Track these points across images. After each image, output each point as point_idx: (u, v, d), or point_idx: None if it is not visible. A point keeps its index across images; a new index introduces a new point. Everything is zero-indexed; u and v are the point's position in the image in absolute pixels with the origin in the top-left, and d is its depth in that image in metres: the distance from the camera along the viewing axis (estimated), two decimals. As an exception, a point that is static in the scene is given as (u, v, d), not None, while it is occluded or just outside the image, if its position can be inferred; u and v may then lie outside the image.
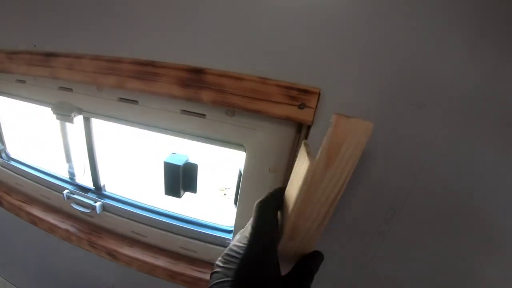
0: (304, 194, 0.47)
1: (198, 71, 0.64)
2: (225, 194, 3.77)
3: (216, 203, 3.53)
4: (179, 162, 0.85)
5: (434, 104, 0.58)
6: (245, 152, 0.75)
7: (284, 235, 0.52)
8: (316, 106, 0.60)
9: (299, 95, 0.60)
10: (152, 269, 0.94)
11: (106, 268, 1.13)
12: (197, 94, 0.65)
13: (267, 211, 0.53)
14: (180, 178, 0.86)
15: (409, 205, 0.69)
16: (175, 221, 0.96)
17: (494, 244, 0.72)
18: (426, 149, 0.62)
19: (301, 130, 0.69)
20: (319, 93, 0.59)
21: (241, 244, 0.48)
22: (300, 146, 0.63)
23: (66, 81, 0.83)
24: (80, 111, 0.87)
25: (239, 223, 0.86)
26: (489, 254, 0.73)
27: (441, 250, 0.74)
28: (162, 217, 0.97)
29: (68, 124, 1.00)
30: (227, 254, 0.48)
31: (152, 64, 0.67)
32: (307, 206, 0.48)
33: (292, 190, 0.52)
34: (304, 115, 0.61)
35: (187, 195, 0.91)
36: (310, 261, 0.54)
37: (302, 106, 0.61)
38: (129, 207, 0.99)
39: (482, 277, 0.77)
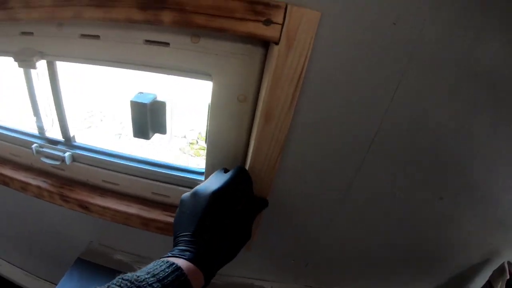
0: (273, 73, 0.57)
1: None
2: (191, 143, 3.66)
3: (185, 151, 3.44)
4: (146, 100, 0.78)
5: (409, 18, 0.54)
6: (211, 82, 0.70)
7: (260, 117, 0.63)
8: (283, 22, 0.54)
9: (264, 9, 0.54)
10: (126, 218, 0.89)
11: (82, 224, 1.08)
12: (157, 16, 0.58)
13: None
14: (148, 118, 0.80)
15: (382, 141, 0.67)
16: (146, 165, 0.90)
17: (469, 186, 0.72)
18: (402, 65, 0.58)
19: (268, 51, 0.64)
20: (286, 7, 0.53)
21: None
22: (268, 71, 0.62)
23: (25, 22, 0.76)
24: (42, 54, 0.80)
25: (210, 161, 0.81)
26: (466, 196, 0.74)
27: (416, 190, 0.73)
28: (132, 162, 0.91)
29: (33, 74, 0.92)
30: None
31: (108, -12, 0.61)
32: (277, 86, 0.59)
33: (262, 91, 0.64)
34: (270, 31, 0.55)
35: (156, 137, 0.86)
36: (258, 203, 0.71)
37: (267, 22, 0.55)
38: (99, 155, 0.93)
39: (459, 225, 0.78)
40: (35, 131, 1.01)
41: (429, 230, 0.81)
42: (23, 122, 1.04)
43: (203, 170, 0.85)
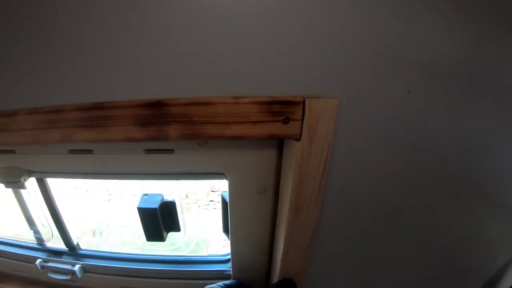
0: (299, 169, 0.49)
1: (158, 105, 0.46)
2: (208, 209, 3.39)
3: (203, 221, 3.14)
4: (154, 204, 0.67)
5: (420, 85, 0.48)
6: (226, 180, 0.60)
7: (289, 211, 0.54)
8: (303, 117, 0.45)
9: (281, 108, 0.45)
10: (153, 321, 0.77)
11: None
12: (162, 131, 0.48)
13: None
14: (160, 221, 0.69)
15: (412, 191, 0.60)
16: (166, 265, 0.78)
17: (494, 207, 0.66)
18: (417, 131, 0.52)
19: (283, 144, 0.55)
20: (304, 101, 0.44)
21: None
22: (284, 160, 0.56)
23: (4, 146, 0.64)
24: (30, 173, 0.68)
25: (235, 251, 0.71)
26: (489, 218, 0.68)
27: (446, 222, 0.67)
28: (151, 264, 0.78)
29: (23, 192, 0.79)
30: None
31: (99, 106, 0.49)
32: (304, 180, 0.51)
33: (285, 184, 0.56)
34: (290, 129, 0.46)
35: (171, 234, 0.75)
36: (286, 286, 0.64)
37: (287, 121, 0.46)
38: (112, 262, 0.80)
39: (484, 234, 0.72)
40: (34, 242, 0.87)
41: (456, 253, 0.76)
42: (19, 233, 0.90)
43: (228, 257, 0.75)
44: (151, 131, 0.48)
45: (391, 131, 0.52)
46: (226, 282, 0.65)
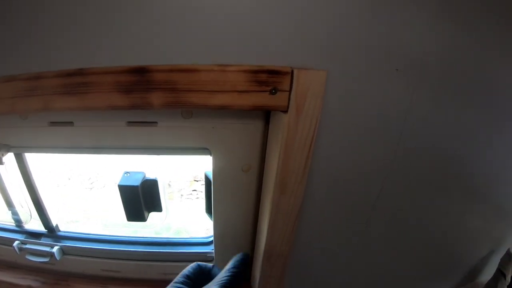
0: (285, 143, 0.46)
1: (141, 71, 0.43)
2: (191, 199, 3.30)
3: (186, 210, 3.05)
4: (136, 182, 0.64)
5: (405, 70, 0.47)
6: (211, 155, 0.58)
7: (275, 189, 0.51)
8: (290, 89, 0.43)
9: (269, 77, 0.42)
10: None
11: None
12: (145, 98, 0.44)
13: None
14: (141, 200, 0.65)
15: (395, 179, 0.59)
16: (147, 247, 0.74)
17: (475, 195, 0.66)
18: (401, 117, 0.51)
19: (270, 118, 0.53)
20: (292, 72, 0.42)
21: None
22: (276, 141, 0.51)
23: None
24: (8, 148, 0.64)
25: (218, 232, 0.68)
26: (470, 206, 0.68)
27: (428, 209, 0.66)
28: (131, 246, 0.75)
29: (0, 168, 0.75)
30: None
31: (80, 72, 0.45)
32: (290, 155, 0.48)
33: (270, 160, 0.53)
34: (277, 101, 0.44)
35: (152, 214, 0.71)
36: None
37: (274, 91, 0.43)
38: (91, 244, 0.76)
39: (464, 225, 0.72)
40: (13, 224, 0.82)
41: (439, 243, 0.75)
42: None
43: (211, 239, 0.72)
44: (134, 98, 0.45)
45: (379, 118, 0.51)
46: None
